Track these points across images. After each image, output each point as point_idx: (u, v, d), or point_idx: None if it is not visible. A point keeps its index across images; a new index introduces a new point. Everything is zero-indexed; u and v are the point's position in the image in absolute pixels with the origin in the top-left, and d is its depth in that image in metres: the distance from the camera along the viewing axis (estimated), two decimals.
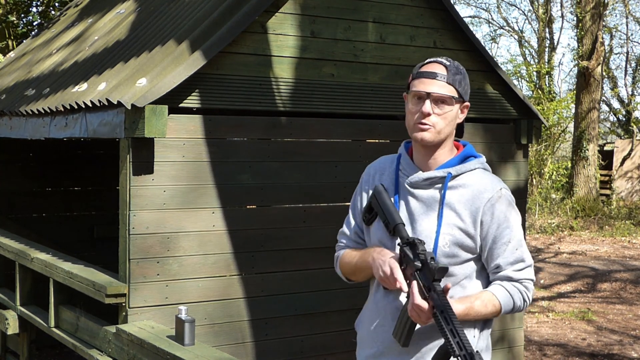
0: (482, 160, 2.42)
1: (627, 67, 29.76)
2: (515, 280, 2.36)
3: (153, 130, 3.94)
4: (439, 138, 2.32)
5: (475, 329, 2.36)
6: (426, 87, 2.28)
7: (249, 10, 4.33)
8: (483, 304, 2.30)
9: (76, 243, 7.23)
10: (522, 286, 2.37)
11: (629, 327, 8.19)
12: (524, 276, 2.37)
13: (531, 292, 2.41)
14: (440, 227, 2.29)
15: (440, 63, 2.31)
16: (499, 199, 2.32)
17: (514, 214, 2.36)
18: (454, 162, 2.35)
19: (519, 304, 2.37)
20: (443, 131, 2.31)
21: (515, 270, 2.35)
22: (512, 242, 2.33)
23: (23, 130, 5.37)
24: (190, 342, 3.61)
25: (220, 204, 4.32)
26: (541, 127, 5.58)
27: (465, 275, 2.34)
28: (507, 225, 2.33)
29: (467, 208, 2.30)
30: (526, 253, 2.39)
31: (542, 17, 27.51)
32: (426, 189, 2.34)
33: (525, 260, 2.37)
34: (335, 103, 4.70)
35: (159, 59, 4.24)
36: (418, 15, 4.99)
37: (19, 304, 5.33)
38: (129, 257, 4.06)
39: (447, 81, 2.28)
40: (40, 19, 11.58)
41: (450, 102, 2.30)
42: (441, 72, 2.29)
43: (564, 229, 15.68)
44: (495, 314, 2.34)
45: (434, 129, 2.29)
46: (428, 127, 2.29)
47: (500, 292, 2.34)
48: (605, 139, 27.89)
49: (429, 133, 2.29)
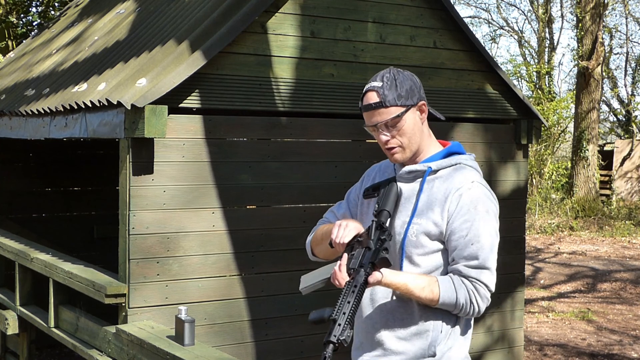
0: (466, 157, 2.39)
1: (627, 67, 29.78)
2: (465, 276, 2.25)
3: (153, 130, 3.94)
4: (411, 150, 2.35)
5: (443, 323, 2.29)
6: (370, 121, 2.32)
7: (249, 10, 4.33)
8: (420, 285, 2.22)
9: (76, 243, 7.23)
10: (471, 285, 2.25)
11: (629, 327, 8.19)
12: (475, 276, 2.24)
13: (482, 298, 2.26)
14: (412, 217, 2.30)
15: (372, 90, 2.31)
16: (467, 190, 2.27)
17: (481, 209, 2.26)
18: (436, 157, 2.37)
19: (463, 302, 2.24)
20: (411, 143, 2.34)
21: (466, 266, 2.24)
22: (468, 236, 2.24)
23: (23, 130, 5.37)
24: (190, 342, 3.61)
25: (221, 204, 4.32)
26: (541, 127, 5.58)
27: (435, 267, 2.29)
28: (469, 218, 2.25)
29: (439, 199, 2.29)
30: (484, 253, 2.25)
31: (542, 17, 27.52)
32: (409, 182, 2.37)
33: (479, 259, 2.24)
34: (335, 103, 4.70)
35: (159, 59, 4.24)
36: (418, 15, 4.99)
37: (18, 304, 5.33)
38: (129, 257, 4.06)
39: (385, 104, 2.28)
40: (39, 19, 11.58)
41: (398, 119, 2.30)
42: (374, 100, 2.29)
43: (563, 229, 15.68)
44: (431, 301, 2.24)
45: (401, 148, 2.33)
46: (395, 149, 2.34)
47: (445, 282, 2.25)
48: (605, 139, 27.89)
49: (399, 154, 2.35)
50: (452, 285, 2.24)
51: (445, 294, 2.23)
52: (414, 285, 2.22)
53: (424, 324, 2.29)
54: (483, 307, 2.27)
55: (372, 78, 2.36)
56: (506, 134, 5.39)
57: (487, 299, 2.27)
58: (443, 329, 2.30)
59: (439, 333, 2.29)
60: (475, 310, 2.26)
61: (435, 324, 2.29)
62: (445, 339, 2.30)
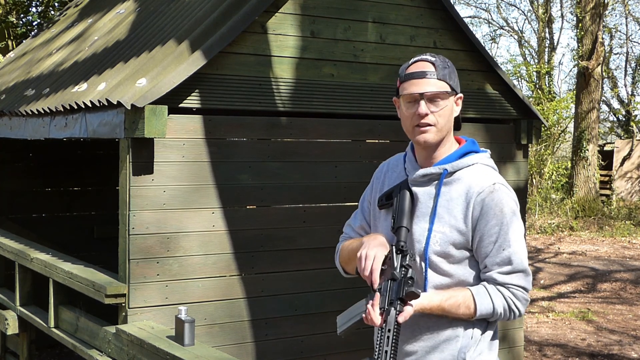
0: (482, 155, 2.31)
1: (627, 67, 29.78)
2: (500, 283, 2.19)
3: (153, 130, 3.94)
4: (440, 136, 2.26)
5: (475, 328, 2.24)
6: (418, 88, 2.22)
7: (249, 10, 4.33)
8: (456, 303, 2.17)
9: (76, 243, 7.23)
10: (507, 292, 2.19)
11: (629, 327, 8.19)
12: (511, 281, 2.19)
13: (521, 302, 2.22)
14: (433, 224, 2.22)
15: (427, 60, 2.25)
16: (490, 194, 2.19)
17: (507, 212, 2.20)
18: (452, 158, 2.28)
19: (500, 311, 2.20)
20: (444, 128, 2.26)
21: (500, 273, 2.19)
22: (498, 241, 2.18)
23: (23, 130, 5.37)
24: (190, 342, 3.61)
25: (221, 204, 4.32)
26: (541, 127, 5.58)
27: (467, 276, 2.23)
28: (497, 222, 2.18)
29: (460, 204, 2.22)
30: (517, 256, 2.20)
31: (542, 17, 27.52)
32: (424, 186, 2.28)
33: (513, 263, 2.18)
34: (335, 103, 4.70)
35: (159, 59, 4.24)
36: (418, 15, 4.99)
37: (18, 304, 5.33)
38: (129, 257, 4.06)
39: (438, 77, 2.22)
40: (39, 19, 11.58)
41: (445, 97, 2.22)
42: (430, 70, 2.22)
43: (564, 229, 15.68)
44: (468, 316, 2.20)
45: (435, 128, 2.23)
46: (428, 128, 2.23)
47: (480, 293, 2.19)
48: (605, 139, 27.88)
49: (430, 134, 2.23)
50: (487, 296, 2.19)
51: (482, 307, 2.19)
52: (449, 305, 2.17)
53: (454, 330, 2.23)
54: (523, 310, 2.24)
55: (420, 56, 2.29)
56: (506, 134, 5.39)
57: (526, 300, 2.23)
58: (474, 334, 2.24)
59: (469, 339, 2.23)
60: (516, 315, 2.22)
61: (466, 329, 2.23)
62: (475, 344, 2.24)
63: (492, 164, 2.34)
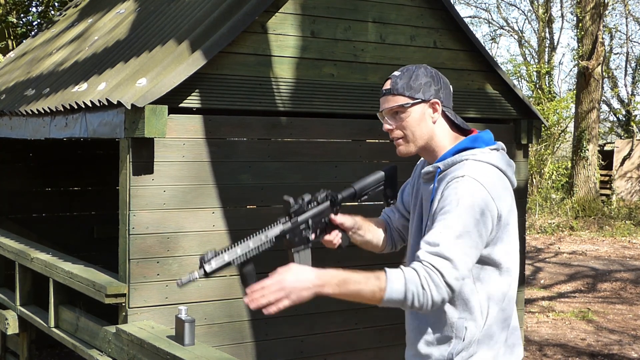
0: (477, 150, 2.24)
1: (627, 67, 29.78)
2: (421, 260, 2.04)
3: (153, 130, 3.94)
4: (416, 144, 2.30)
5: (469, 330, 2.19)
6: (380, 108, 2.35)
7: (249, 10, 4.33)
8: (366, 276, 2.01)
9: (76, 243, 7.23)
10: (424, 271, 2.02)
11: (629, 327, 8.19)
12: (431, 261, 2.02)
13: (437, 288, 2.01)
14: (427, 221, 2.25)
15: (389, 78, 2.33)
16: (456, 182, 2.15)
17: (460, 201, 2.10)
18: (447, 155, 2.28)
19: (413, 289, 2.00)
20: (415, 137, 2.29)
21: (425, 251, 2.05)
22: (439, 223, 2.09)
23: (23, 130, 5.37)
24: (190, 342, 3.61)
25: (221, 204, 4.32)
26: (541, 127, 5.58)
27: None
28: (447, 209, 2.11)
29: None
30: (448, 243, 2.04)
31: (542, 17, 27.52)
32: (426, 184, 2.32)
33: (440, 246, 2.03)
34: (335, 103, 4.70)
35: (159, 59, 4.24)
36: (418, 15, 4.99)
37: (18, 304, 5.33)
38: (129, 257, 4.06)
39: (393, 93, 2.28)
40: (39, 19, 11.58)
41: (403, 110, 2.27)
42: (387, 88, 2.31)
43: (564, 229, 15.68)
44: (377, 291, 2.01)
45: (403, 140, 2.31)
46: (399, 141, 2.33)
47: (394, 271, 2.04)
48: (605, 139, 27.88)
49: (402, 146, 2.33)
50: (402, 275, 2.02)
51: (393, 286, 2.00)
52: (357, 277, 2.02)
53: (451, 330, 2.22)
54: (438, 299, 2.02)
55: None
56: (506, 133, 5.39)
57: (446, 292, 2.03)
58: (467, 336, 2.21)
59: (461, 341, 2.21)
60: (428, 300, 2.02)
61: (459, 330, 2.21)
62: (468, 347, 2.22)
63: (491, 158, 2.23)
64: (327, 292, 2.06)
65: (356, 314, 4.82)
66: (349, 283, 2.04)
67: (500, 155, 2.27)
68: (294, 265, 2.20)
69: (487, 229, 2.14)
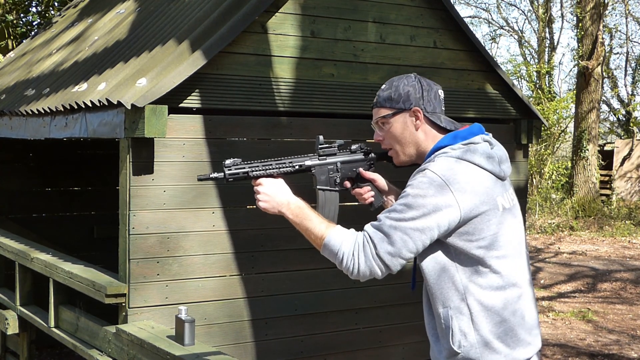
0: (448, 148, 2.26)
1: (627, 67, 29.78)
2: (364, 231, 2.19)
3: (153, 130, 3.94)
4: (405, 154, 2.39)
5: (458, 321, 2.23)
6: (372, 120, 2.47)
7: (249, 10, 4.33)
8: (319, 220, 2.27)
9: (76, 243, 7.23)
10: (361, 237, 2.17)
11: (629, 327, 8.20)
12: (371, 233, 2.16)
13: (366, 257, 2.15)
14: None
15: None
16: (417, 174, 2.21)
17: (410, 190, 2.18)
18: (428, 156, 2.33)
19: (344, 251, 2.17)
20: (402, 146, 2.38)
21: (370, 224, 2.20)
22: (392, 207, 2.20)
23: (23, 130, 5.37)
24: (190, 342, 3.61)
25: (221, 204, 4.32)
26: (541, 127, 5.58)
27: (438, 268, 2.21)
28: (403, 195, 2.19)
29: None
30: (388, 221, 2.16)
31: (542, 17, 27.53)
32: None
33: (382, 221, 2.16)
34: (335, 103, 4.70)
35: (159, 59, 4.24)
36: (418, 15, 4.99)
37: (19, 304, 5.33)
38: (129, 257, 4.06)
39: (376, 106, 2.41)
40: (39, 19, 11.58)
41: (386, 121, 2.38)
42: (374, 102, 2.43)
43: (564, 229, 15.68)
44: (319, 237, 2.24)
45: (394, 149, 2.41)
46: (390, 151, 2.43)
47: (343, 230, 2.23)
48: (605, 139, 27.90)
49: (394, 158, 2.43)
50: (342, 233, 2.21)
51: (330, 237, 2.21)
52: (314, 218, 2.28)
53: (448, 323, 2.23)
54: (365, 269, 2.15)
55: None
56: (506, 133, 5.39)
57: (376, 265, 2.15)
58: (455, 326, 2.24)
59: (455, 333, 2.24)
60: (355, 267, 2.15)
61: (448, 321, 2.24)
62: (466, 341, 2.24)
63: (461, 153, 2.23)
64: (287, 216, 2.37)
65: (356, 314, 4.82)
66: (306, 219, 2.31)
67: (477, 148, 2.25)
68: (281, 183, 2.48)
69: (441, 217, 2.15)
